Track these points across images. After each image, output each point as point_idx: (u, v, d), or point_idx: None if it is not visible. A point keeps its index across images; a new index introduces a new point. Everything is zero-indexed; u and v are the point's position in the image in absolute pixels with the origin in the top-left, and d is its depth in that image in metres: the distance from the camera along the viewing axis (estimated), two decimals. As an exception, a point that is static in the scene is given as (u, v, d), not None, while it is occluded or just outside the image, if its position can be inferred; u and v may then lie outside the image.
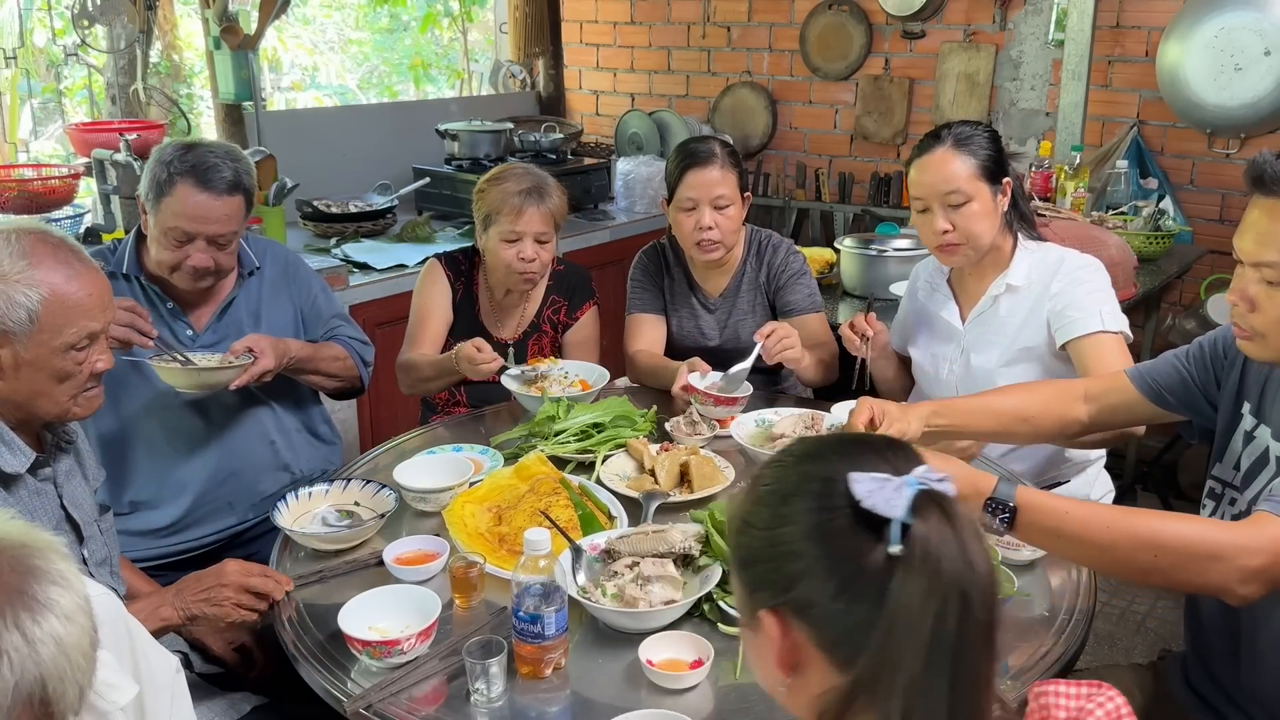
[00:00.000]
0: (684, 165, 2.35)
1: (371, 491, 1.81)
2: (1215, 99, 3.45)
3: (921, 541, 0.79)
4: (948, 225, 1.98)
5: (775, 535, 0.85)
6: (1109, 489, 2.25)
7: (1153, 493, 3.60)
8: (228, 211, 1.94)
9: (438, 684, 1.35)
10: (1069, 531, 1.29)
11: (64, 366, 1.44)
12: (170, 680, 1.14)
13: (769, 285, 2.47)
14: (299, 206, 3.57)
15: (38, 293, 1.39)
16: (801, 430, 1.99)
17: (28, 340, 1.40)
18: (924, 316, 2.25)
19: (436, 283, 2.45)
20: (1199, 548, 1.24)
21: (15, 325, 1.38)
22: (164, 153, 1.96)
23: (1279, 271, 1.30)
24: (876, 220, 4.07)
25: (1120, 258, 2.93)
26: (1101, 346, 1.91)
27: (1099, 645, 2.88)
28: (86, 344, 1.46)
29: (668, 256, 2.56)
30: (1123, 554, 1.27)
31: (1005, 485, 1.32)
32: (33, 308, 1.39)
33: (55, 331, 1.41)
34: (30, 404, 1.46)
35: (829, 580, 0.82)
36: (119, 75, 3.67)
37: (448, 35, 5.91)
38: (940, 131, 2.01)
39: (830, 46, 4.31)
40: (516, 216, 2.28)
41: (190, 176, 1.92)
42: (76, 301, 1.42)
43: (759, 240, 2.50)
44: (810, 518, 0.83)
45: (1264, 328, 1.35)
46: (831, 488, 0.83)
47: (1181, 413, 1.61)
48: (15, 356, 1.41)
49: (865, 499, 0.80)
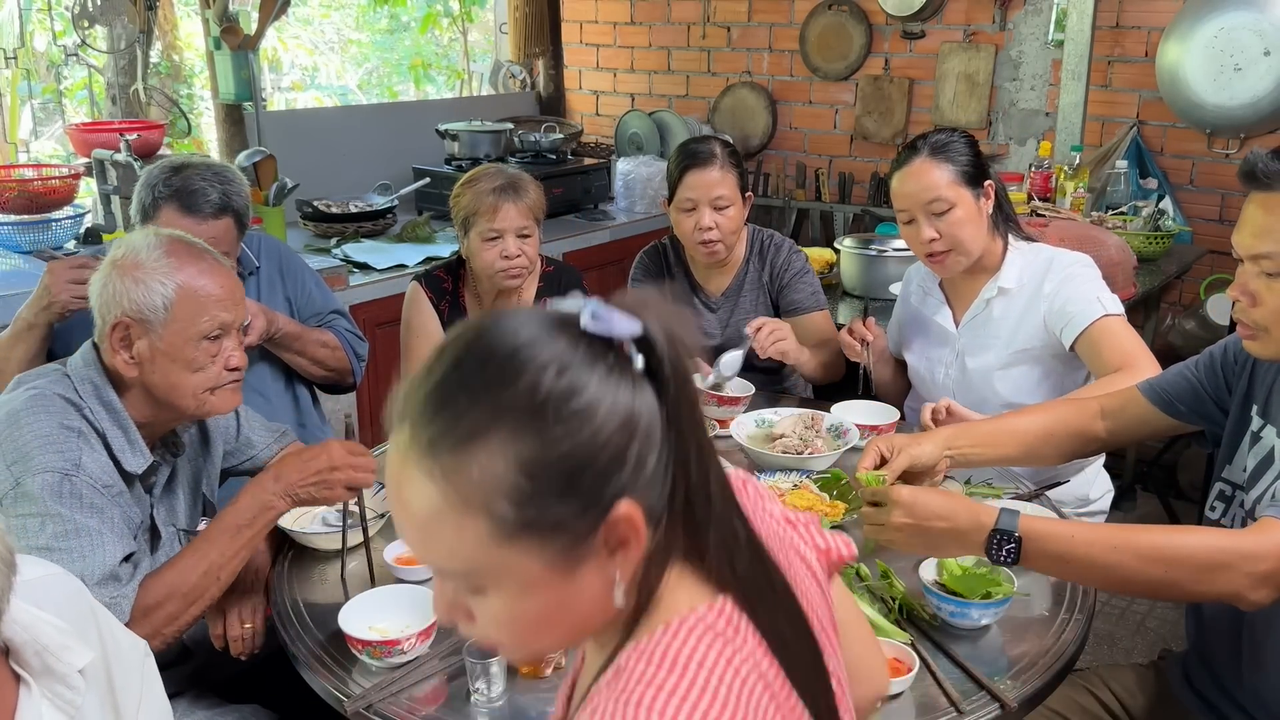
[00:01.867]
0: (684, 166, 2.35)
1: (372, 491, 1.81)
2: (1215, 99, 3.45)
3: (658, 346, 0.74)
4: (934, 234, 1.98)
5: (583, 428, 0.72)
6: (1108, 489, 2.25)
7: (1152, 493, 3.60)
8: (214, 234, 1.91)
9: (438, 684, 1.35)
10: (1076, 556, 1.29)
11: (197, 357, 1.50)
12: (140, 661, 1.17)
13: (772, 284, 2.48)
14: (299, 207, 3.57)
15: (174, 282, 1.47)
16: (801, 430, 1.99)
17: (163, 330, 1.48)
18: (918, 321, 2.25)
19: (421, 310, 2.42)
20: (1207, 558, 1.24)
21: (152, 314, 1.47)
22: (151, 175, 1.96)
23: (1277, 262, 1.31)
24: (876, 220, 4.07)
25: (1120, 258, 2.93)
26: (1109, 331, 1.91)
27: (1099, 645, 2.88)
28: (219, 334, 1.52)
29: (668, 256, 2.57)
30: (1132, 572, 1.27)
31: (1007, 515, 1.31)
32: (168, 296, 1.47)
33: (189, 321, 1.49)
34: (168, 397, 1.52)
35: (628, 430, 0.73)
36: (119, 75, 3.67)
37: (447, 35, 5.91)
38: (916, 142, 2.02)
39: (830, 46, 4.31)
40: (494, 214, 2.27)
41: (174, 201, 1.92)
42: (209, 293, 1.50)
43: (761, 240, 2.51)
44: (591, 381, 0.72)
45: (1266, 321, 1.35)
46: (569, 345, 0.73)
47: (1194, 422, 1.61)
48: (151, 346, 1.48)
49: (593, 326, 0.73)
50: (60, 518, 1.37)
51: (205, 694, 1.65)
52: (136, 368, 1.49)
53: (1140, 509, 3.58)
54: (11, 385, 1.52)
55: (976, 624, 1.42)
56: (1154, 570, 1.26)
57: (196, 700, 1.63)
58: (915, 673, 1.30)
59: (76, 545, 1.37)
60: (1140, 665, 1.70)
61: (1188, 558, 1.25)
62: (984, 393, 2.09)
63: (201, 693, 1.65)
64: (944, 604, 1.42)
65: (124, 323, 1.47)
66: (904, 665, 1.32)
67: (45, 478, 1.38)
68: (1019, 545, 1.29)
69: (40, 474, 1.38)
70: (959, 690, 1.30)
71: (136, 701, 1.13)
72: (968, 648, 1.40)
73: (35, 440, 1.40)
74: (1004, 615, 1.44)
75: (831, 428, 2.02)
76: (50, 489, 1.38)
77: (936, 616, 1.44)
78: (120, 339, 1.48)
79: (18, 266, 2.86)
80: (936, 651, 1.39)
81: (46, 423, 1.43)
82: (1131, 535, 1.29)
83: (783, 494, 1.78)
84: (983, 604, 1.40)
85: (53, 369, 1.53)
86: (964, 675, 1.34)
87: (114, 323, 1.47)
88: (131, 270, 1.47)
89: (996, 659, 1.39)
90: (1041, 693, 1.35)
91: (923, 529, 1.35)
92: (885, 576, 1.52)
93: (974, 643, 1.42)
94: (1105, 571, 1.29)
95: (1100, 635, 2.92)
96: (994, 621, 1.44)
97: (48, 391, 1.46)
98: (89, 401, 1.48)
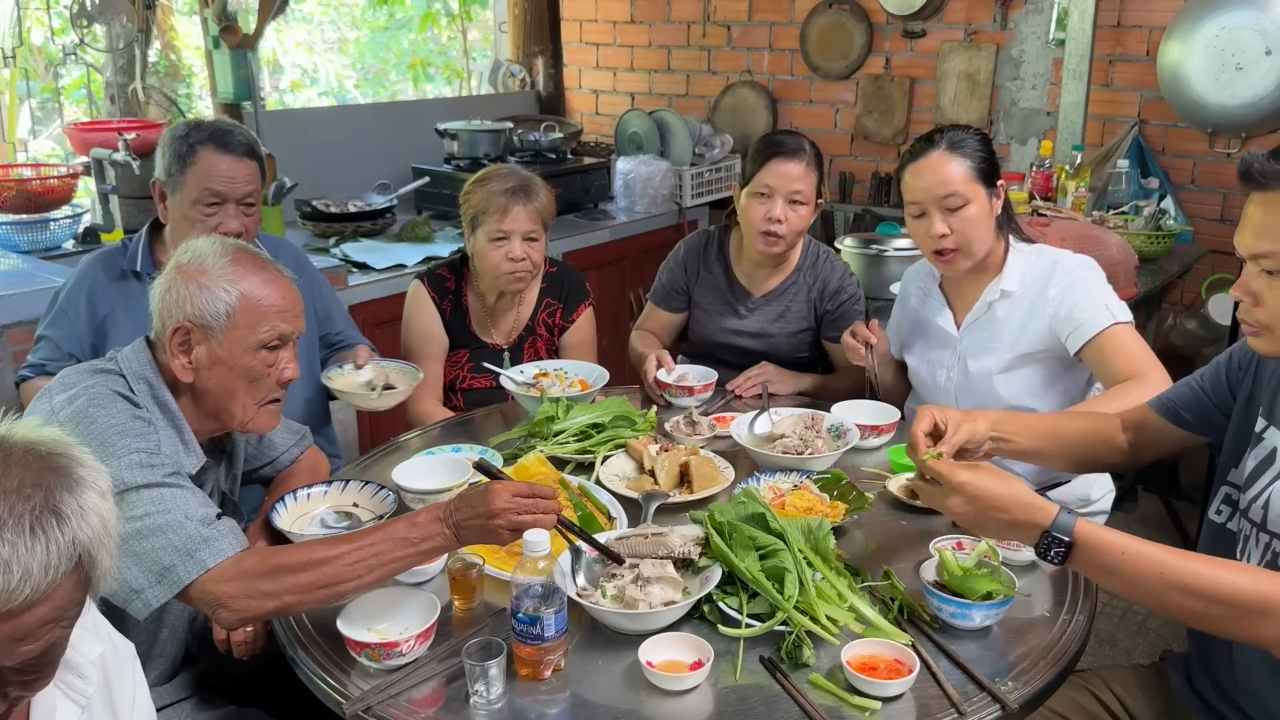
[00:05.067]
0: (769, 153, 2.33)
1: (370, 493, 1.81)
2: (1216, 98, 3.45)
3: None
4: (945, 229, 1.97)
5: None
6: (1109, 489, 2.25)
7: (1153, 493, 3.60)
8: (249, 172, 2.06)
9: (437, 686, 1.35)
10: (1123, 573, 1.29)
11: (254, 366, 1.52)
12: (130, 662, 1.17)
13: (821, 301, 2.46)
14: (298, 206, 3.57)
15: (237, 290, 1.50)
16: (801, 430, 1.98)
17: (223, 336, 1.50)
18: (918, 323, 2.24)
19: (423, 309, 2.43)
20: (1250, 602, 1.23)
21: (214, 320, 1.49)
22: (176, 130, 2.06)
23: (1277, 261, 1.32)
24: (877, 220, 4.06)
25: (1121, 257, 2.92)
26: (1118, 340, 1.90)
27: (1099, 645, 2.88)
28: (277, 345, 1.54)
29: (712, 248, 2.54)
30: (1171, 601, 1.27)
31: (1065, 517, 1.30)
32: (231, 303, 1.49)
33: (249, 329, 1.51)
34: (221, 405, 1.54)
35: None
36: (117, 75, 3.66)
37: (446, 34, 5.91)
38: (933, 135, 2.00)
39: (831, 46, 4.31)
40: (503, 215, 2.27)
41: (211, 142, 2.04)
42: (271, 303, 1.52)
43: (818, 253, 2.49)
44: None
45: (1269, 320, 1.36)
46: None
47: (1201, 431, 1.61)
48: (210, 353, 1.50)
49: None
50: (151, 486, 1.39)
51: (210, 698, 1.65)
52: (193, 373, 1.51)
53: (1141, 509, 3.57)
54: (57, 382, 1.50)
55: (977, 625, 1.41)
56: (1192, 604, 1.25)
57: (201, 705, 1.63)
58: (916, 674, 1.30)
59: (171, 500, 1.39)
60: (1141, 666, 1.69)
61: (1229, 597, 1.24)
62: (985, 396, 2.08)
63: (206, 697, 1.65)
64: (945, 605, 1.41)
65: (185, 327, 1.49)
66: (904, 666, 1.31)
67: (132, 458, 1.39)
68: (1070, 549, 1.30)
69: (125, 455, 1.39)
70: (960, 691, 1.30)
71: (131, 701, 1.14)
72: (968, 649, 1.39)
73: (112, 431, 1.41)
74: (1005, 616, 1.43)
75: (831, 428, 2.01)
76: (138, 467, 1.39)
77: (937, 618, 1.44)
78: (180, 343, 1.50)
79: (16, 266, 2.86)
80: (937, 652, 1.38)
81: (119, 414, 1.44)
82: (1180, 562, 1.27)
83: (783, 494, 1.78)
84: (983, 605, 1.40)
85: (102, 367, 1.52)
86: (965, 676, 1.34)
87: (175, 327, 1.49)
88: (197, 276, 1.49)
89: (997, 660, 1.38)
90: (1042, 694, 1.34)
91: (979, 517, 1.36)
92: (886, 577, 1.52)
93: (975, 644, 1.41)
94: (1146, 594, 1.29)
95: (1101, 636, 2.91)
96: (994, 623, 1.43)
97: (106, 390, 1.46)
98: (145, 402, 1.49)
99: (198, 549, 1.36)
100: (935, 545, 1.55)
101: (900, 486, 1.82)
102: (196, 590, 1.36)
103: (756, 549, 1.47)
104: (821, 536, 1.50)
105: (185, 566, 1.35)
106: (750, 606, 1.42)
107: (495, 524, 1.37)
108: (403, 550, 1.39)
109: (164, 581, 1.36)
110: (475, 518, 1.39)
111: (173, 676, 1.64)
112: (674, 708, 1.29)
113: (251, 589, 1.36)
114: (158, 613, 1.46)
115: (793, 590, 1.40)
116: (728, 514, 1.53)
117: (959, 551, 1.52)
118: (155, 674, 1.60)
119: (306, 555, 1.38)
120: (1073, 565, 1.32)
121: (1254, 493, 1.42)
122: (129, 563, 1.36)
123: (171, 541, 1.36)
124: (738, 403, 2.30)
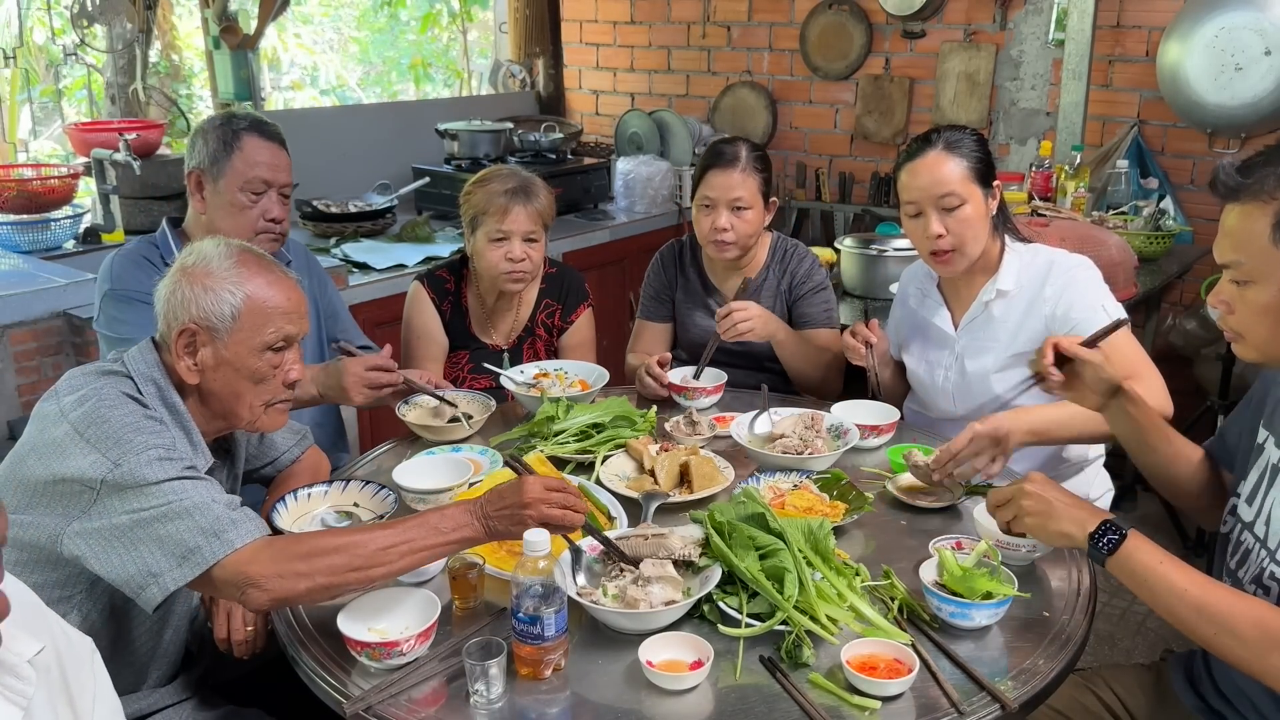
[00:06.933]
0: (707, 164, 2.39)
1: (371, 492, 1.81)
2: (1216, 99, 3.45)
3: None
4: (941, 229, 1.97)
5: None
6: (1108, 488, 2.25)
7: (1153, 492, 3.59)
8: (288, 163, 2.12)
9: (437, 685, 1.35)
10: (1149, 583, 1.31)
11: (260, 368, 1.53)
12: (89, 658, 1.16)
13: (790, 294, 2.48)
14: (298, 206, 3.57)
15: (243, 292, 1.50)
16: (801, 430, 1.98)
17: (229, 338, 1.50)
18: (916, 323, 2.24)
19: (423, 309, 2.43)
20: (1265, 635, 1.23)
21: (220, 322, 1.49)
22: (214, 119, 2.10)
23: (1243, 271, 1.33)
24: (877, 220, 4.07)
25: (1120, 258, 2.92)
26: (1114, 342, 1.89)
27: (1099, 645, 2.88)
28: (282, 346, 1.54)
29: (685, 256, 2.58)
30: (1187, 623, 1.28)
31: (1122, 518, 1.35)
32: (236, 305, 1.50)
33: (255, 330, 1.51)
34: (227, 406, 1.54)
35: None
36: (118, 75, 3.67)
37: (447, 35, 5.91)
38: (930, 135, 2.01)
39: (830, 46, 4.31)
40: (503, 216, 2.28)
41: (254, 130, 2.08)
42: (276, 304, 1.53)
43: (785, 248, 2.52)
44: None
45: (1241, 328, 1.38)
46: None
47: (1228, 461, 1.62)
48: (216, 354, 1.51)
49: None
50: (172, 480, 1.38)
51: (210, 698, 1.65)
52: (199, 374, 1.51)
53: (1141, 509, 3.57)
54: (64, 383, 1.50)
55: (977, 625, 1.41)
56: (1205, 629, 1.27)
57: (201, 705, 1.63)
58: (916, 673, 1.30)
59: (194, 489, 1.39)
60: (1142, 666, 1.70)
61: (1247, 630, 1.24)
62: (982, 395, 2.08)
63: (206, 697, 1.65)
64: (945, 605, 1.41)
65: (190, 329, 1.49)
66: (904, 666, 1.31)
67: (150, 454, 1.39)
68: (1120, 541, 1.33)
69: (141, 452, 1.39)
70: (960, 691, 1.30)
71: (91, 697, 1.13)
72: (968, 648, 1.40)
73: (127, 429, 1.41)
74: (1005, 616, 1.44)
75: (831, 428, 2.02)
76: (156, 462, 1.39)
77: (937, 617, 1.44)
78: (185, 345, 1.50)
79: (17, 266, 2.86)
80: (937, 652, 1.38)
81: (131, 413, 1.43)
82: (1203, 589, 1.28)
83: (782, 494, 1.78)
84: (983, 605, 1.40)
85: (109, 369, 1.52)
86: (965, 676, 1.34)
87: (180, 329, 1.49)
88: (202, 278, 1.50)
89: (997, 660, 1.39)
90: (1042, 693, 1.35)
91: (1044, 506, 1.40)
92: (886, 577, 1.52)
93: (975, 643, 1.41)
94: (1163, 609, 1.31)
95: (1101, 636, 2.91)
96: (994, 622, 1.43)
97: (116, 391, 1.46)
98: (153, 403, 1.49)
99: (225, 530, 1.36)
100: (935, 545, 1.56)
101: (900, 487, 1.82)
102: (226, 571, 1.35)
103: (756, 549, 1.47)
104: (822, 536, 1.50)
105: (211, 546, 1.35)
106: (750, 606, 1.42)
107: (527, 514, 1.39)
108: (433, 539, 1.40)
109: (187, 563, 1.35)
110: (507, 508, 1.40)
111: (174, 677, 1.64)
112: (674, 707, 1.29)
113: (286, 569, 1.35)
114: (162, 612, 1.46)
115: (792, 590, 1.40)
116: (728, 514, 1.53)
117: (959, 551, 1.52)
118: (158, 674, 1.60)
119: (339, 538, 1.39)
120: (1113, 562, 1.33)
121: (1255, 507, 1.43)
122: (149, 547, 1.35)
123: (198, 524, 1.36)
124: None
